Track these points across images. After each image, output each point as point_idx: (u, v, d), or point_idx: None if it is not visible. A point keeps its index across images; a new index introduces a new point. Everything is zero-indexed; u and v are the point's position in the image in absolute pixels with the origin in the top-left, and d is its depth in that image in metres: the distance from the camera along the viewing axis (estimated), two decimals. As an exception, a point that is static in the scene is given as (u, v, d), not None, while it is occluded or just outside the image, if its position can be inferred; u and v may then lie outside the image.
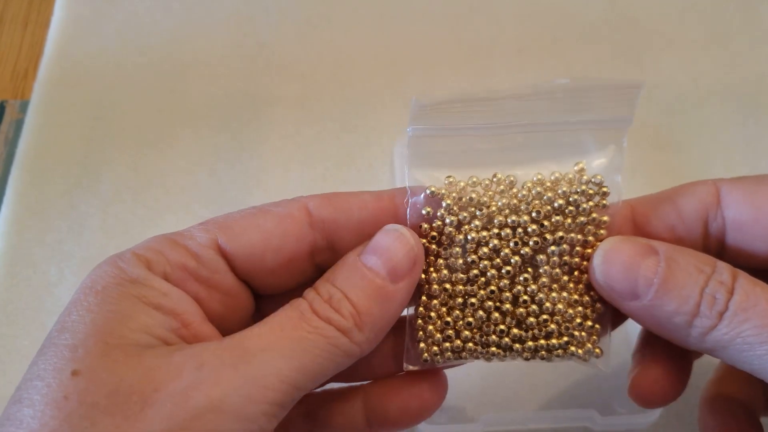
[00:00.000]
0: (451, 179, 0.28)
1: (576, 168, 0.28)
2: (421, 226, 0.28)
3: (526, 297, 0.28)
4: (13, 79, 0.54)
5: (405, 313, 0.29)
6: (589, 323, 0.28)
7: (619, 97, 0.27)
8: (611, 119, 0.28)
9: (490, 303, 0.28)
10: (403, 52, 0.54)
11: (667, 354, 0.30)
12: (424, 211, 0.28)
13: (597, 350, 0.29)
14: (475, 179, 0.28)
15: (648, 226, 0.29)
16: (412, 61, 0.54)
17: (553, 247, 0.28)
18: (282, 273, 0.28)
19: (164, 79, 0.52)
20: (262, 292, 0.29)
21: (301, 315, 0.25)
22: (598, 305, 0.29)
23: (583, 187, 0.28)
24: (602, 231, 0.28)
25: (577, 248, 0.28)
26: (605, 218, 0.28)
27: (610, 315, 0.29)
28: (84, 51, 0.53)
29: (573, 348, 0.28)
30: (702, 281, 0.25)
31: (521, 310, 0.28)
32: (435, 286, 0.28)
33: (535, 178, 0.28)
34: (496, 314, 0.28)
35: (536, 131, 0.28)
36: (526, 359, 0.29)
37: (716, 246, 0.29)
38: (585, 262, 0.28)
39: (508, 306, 0.28)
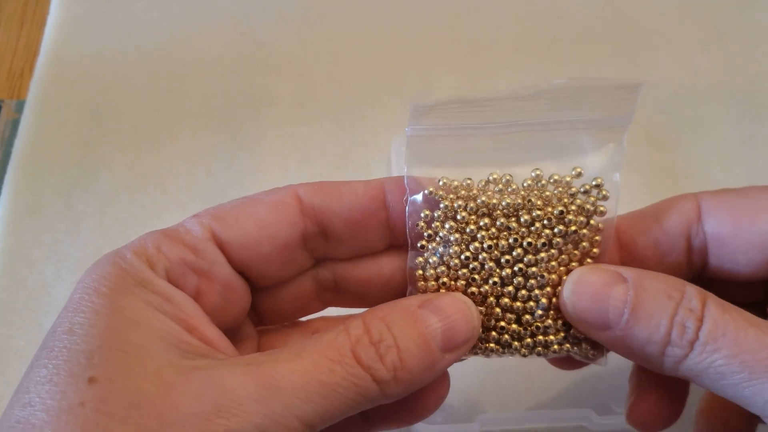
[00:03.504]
0: (445, 180, 0.28)
1: (574, 173, 0.28)
2: (417, 225, 0.28)
3: (524, 292, 0.28)
4: (9, 78, 0.54)
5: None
6: None
7: (619, 97, 0.27)
8: (610, 118, 0.28)
9: (492, 299, 0.28)
10: (401, 52, 0.54)
11: (664, 378, 0.29)
12: (422, 214, 0.28)
13: (594, 352, 0.29)
14: (470, 180, 0.28)
15: (632, 243, 0.29)
16: (410, 61, 0.54)
17: (550, 250, 0.28)
18: (277, 260, 0.28)
19: (161, 79, 0.52)
20: (258, 283, 0.29)
21: (339, 357, 0.24)
22: None
23: (578, 201, 0.28)
24: (597, 237, 0.28)
25: (575, 251, 0.28)
26: (600, 226, 0.28)
27: None
28: (80, 50, 0.53)
29: (568, 345, 0.28)
30: (671, 308, 0.25)
31: (518, 304, 0.28)
32: (432, 283, 0.28)
33: (533, 174, 0.28)
34: (497, 309, 0.28)
35: (535, 130, 0.28)
36: (524, 356, 0.29)
37: (700, 260, 0.29)
38: (588, 260, 0.28)
39: (506, 301, 0.28)
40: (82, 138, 0.50)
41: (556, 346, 0.28)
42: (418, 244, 0.28)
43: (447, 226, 0.28)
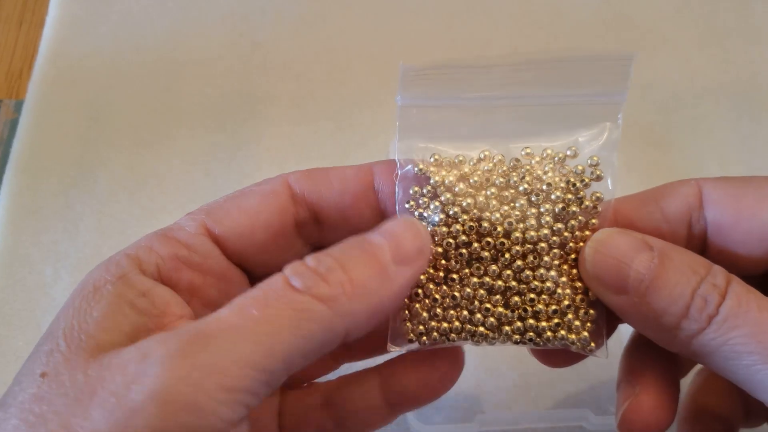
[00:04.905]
0: (436, 157, 0.28)
1: (569, 152, 0.28)
2: (408, 202, 0.28)
3: (509, 272, 0.27)
4: (7, 78, 0.54)
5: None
6: (583, 311, 0.27)
7: (613, 69, 0.27)
8: (605, 94, 0.27)
9: (475, 279, 0.27)
10: (399, 51, 0.54)
11: (657, 383, 0.29)
12: (411, 191, 0.28)
13: (592, 343, 0.27)
14: (461, 157, 0.28)
15: (632, 226, 0.28)
16: (407, 60, 0.53)
17: (544, 230, 0.27)
18: (273, 249, 0.28)
19: (159, 79, 0.52)
20: (257, 273, 0.29)
21: (269, 291, 0.22)
22: (592, 292, 0.28)
23: (572, 179, 0.27)
24: (594, 221, 0.27)
25: (566, 234, 0.27)
26: (598, 207, 0.27)
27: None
28: (79, 51, 0.53)
29: (563, 332, 0.27)
30: (695, 282, 0.24)
31: (500, 282, 0.27)
32: None
33: (523, 153, 0.28)
34: (482, 291, 0.27)
35: (528, 105, 0.27)
36: (516, 342, 0.28)
37: (697, 248, 0.28)
38: (581, 243, 0.27)
39: (487, 279, 0.27)
40: (80, 138, 0.50)
41: (549, 333, 0.27)
42: None
43: (432, 206, 0.28)
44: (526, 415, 0.40)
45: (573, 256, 0.27)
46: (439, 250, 0.28)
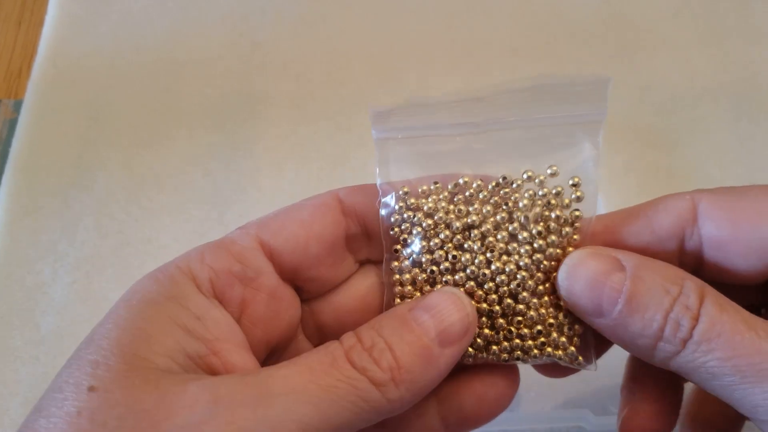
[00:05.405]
0: (406, 190, 0.28)
1: (549, 171, 0.27)
2: (392, 229, 0.28)
3: (494, 296, 0.27)
4: (6, 78, 0.54)
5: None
6: (567, 326, 0.28)
7: (590, 93, 0.27)
8: (584, 115, 0.27)
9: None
10: (398, 52, 0.54)
11: (657, 389, 0.29)
12: (392, 219, 0.28)
13: (580, 357, 0.28)
14: (438, 185, 0.28)
15: (618, 244, 0.28)
16: (407, 61, 0.54)
17: (525, 259, 0.27)
18: (327, 261, 0.28)
19: (159, 79, 0.52)
20: (310, 290, 0.29)
21: (333, 361, 0.23)
22: None
23: (552, 201, 0.27)
24: (576, 236, 0.27)
25: (546, 253, 0.27)
26: (577, 225, 0.27)
27: None
28: (78, 50, 0.53)
29: (550, 349, 0.27)
30: (667, 304, 0.24)
31: (485, 306, 0.27)
32: (408, 287, 0.28)
33: (501, 180, 0.28)
34: None
35: (507, 129, 0.28)
36: (505, 361, 0.28)
37: (693, 262, 0.28)
38: (557, 263, 0.27)
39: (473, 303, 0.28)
40: (79, 138, 0.50)
41: (536, 351, 0.27)
42: (393, 248, 0.28)
43: (415, 231, 0.28)
44: (526, 416, 0.40)
45: (555, 274, 0.27)
46: (424, 276, 0.28)
